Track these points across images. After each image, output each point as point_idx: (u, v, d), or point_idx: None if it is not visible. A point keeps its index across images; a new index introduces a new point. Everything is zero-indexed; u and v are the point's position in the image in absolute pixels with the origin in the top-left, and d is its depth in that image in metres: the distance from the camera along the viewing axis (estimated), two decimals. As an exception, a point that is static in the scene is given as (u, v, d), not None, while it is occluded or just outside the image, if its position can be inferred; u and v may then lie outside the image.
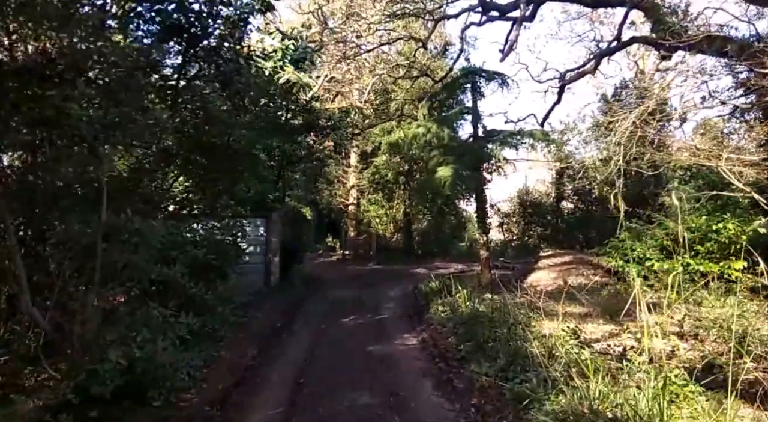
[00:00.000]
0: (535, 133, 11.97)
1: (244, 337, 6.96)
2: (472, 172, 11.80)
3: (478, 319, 6.64)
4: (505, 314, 7.17)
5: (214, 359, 5.62)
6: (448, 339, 6.60)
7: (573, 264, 13.35)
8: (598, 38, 18.69)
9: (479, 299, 9.19)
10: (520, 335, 5.49)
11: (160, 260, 5.22)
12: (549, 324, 7.26)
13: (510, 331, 5.70)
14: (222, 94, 7.45)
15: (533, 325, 6.99)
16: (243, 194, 9.02)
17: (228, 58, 5.83)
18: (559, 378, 4.23)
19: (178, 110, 7.00)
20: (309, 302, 10.86)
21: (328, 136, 13.69)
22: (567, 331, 5.65)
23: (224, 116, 8.15)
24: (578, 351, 4.90)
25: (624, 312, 8.60)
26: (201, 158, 8.03)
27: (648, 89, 22.34)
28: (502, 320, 6.37)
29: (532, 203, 25.65)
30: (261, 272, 12.17)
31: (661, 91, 10.83)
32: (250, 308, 9.14)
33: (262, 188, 10.89)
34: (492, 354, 5.26)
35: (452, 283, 10.64)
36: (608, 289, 10.50)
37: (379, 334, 7.59)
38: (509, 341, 5.38)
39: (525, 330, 5.67)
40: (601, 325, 7.41)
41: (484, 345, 5.63)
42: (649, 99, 9.37)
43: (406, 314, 9.21)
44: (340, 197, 24.17)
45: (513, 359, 4.84)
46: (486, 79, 12.99)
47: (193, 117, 8.19)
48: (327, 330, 7.86)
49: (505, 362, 4.81)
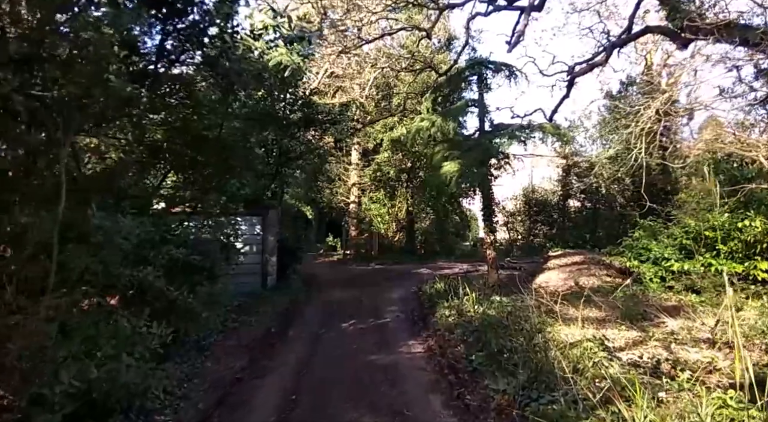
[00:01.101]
0: (546, 126, 11.35)
1: (234, 345, 6.38)
2: (479, 167, 11.21)
3: (490, 325, 6.03)
4: (520, 320, 6.58)
5: (197, 372, 5.04)
6: (457, 347, 6.00)
7: (584, 264, 12.73)
8: (607, 31, 18.03)
9: (488, 303, 8.62)
10: (540, 345, 4.88)
11: (136, 262, 4.65)
12: (567, 330, 6.68)
13: (529, 340, 5.09)
14: (210, 80, 6.88)
15: (549, 331, 6.42)
16: (236, 191, 8.43)
17: (212, 34, 5.23)
18: (591, 398, 3.63)
19: (159, 96, 6.40)
20: (307, 304, 10.28)
21: (327, 131, 13.09)
22: (594, 341, 5.03)
23: (214, 105, 7.60)
24: (608, 364, 4.30)
25: (645, 316, 8.08)
26: (188, 151, 7.48)
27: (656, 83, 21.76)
28: (517, 326, 5.76)
29: (537, 202, 25.04)
30: (257, 273, 11.60)
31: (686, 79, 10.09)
32: (243, 312, 8.58)
33: (258, 184, 10.30)
34: (509, 366, 4.65)
35: (458, 284, 10.07)
36: (623, 291, 9.89)
37: (381, 341, 7.00)
38: (529, 352, 4.77)
39: (545, 338, 5.06)
40: (623, 331, 6.80)
41: (498, 355, 5.03)
42: (674, 87, 8.69)
43: (410, 319, 8.62)
44: (340, 195, 23.60)
45: (536, 374, 4.23)
46: (493, 70, 12.39)
47: (180, 106, 7.64)
48: (325, 337, 7.28)
49: (526, 377, 4.20)
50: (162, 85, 6.90)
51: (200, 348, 5.82)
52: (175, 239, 5.40)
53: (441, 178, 10.79)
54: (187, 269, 5.72)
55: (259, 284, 11.49)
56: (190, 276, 5.70)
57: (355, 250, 21.42)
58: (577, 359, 4.49)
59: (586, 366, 4.31)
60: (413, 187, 21.86)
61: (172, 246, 4.67)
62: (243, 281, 11.10)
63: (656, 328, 7.14)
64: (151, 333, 3.79)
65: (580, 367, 4.40)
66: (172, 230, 5.56)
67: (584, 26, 19.78)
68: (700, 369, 4.84)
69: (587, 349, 4.68)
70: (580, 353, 4.61)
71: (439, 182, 10.95)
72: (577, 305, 8.55)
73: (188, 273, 5.81)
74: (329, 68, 19.43)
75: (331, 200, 24.63)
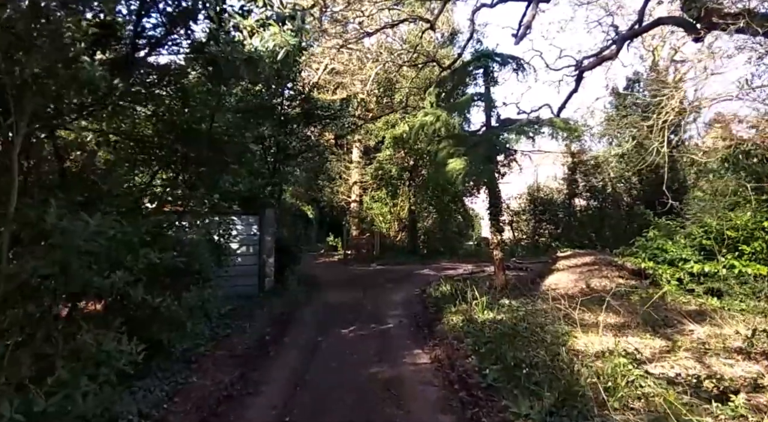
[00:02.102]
0: (556, 121, 10.81)
1: (225, 355, 5.87)
2: (485, 164, 10.68)
3: (504, 334, 5.51)
4: (535, 327, 6.07)
5: (181, 388, 4.53)
6: (468, 358, 5.48)
7: (595, 265, 12.21)
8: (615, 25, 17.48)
9: (498, 307, 8.10)
10: (565, 359, 4.35)
11: (112, 266, 4.14)
12: (585, 337, 6.16)
13: (551, 353, 4.56)
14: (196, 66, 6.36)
15: (566, 338, 5.90)
16: (229, 188, 7.91)
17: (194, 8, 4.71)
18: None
19: (144, 85, 5.91)
20: (306, 308, 9.76)
21: (327, 126, 12.56)
22: (623, 353, 4.50)
23: (205, 97, 7.08)
24: (645, 384, 3.77)
25: (667, 322, 7.55)
26: (177, 146, 6.97)
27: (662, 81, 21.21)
28: (534, 336, 5.23)
29: (542, 201, 24.48)
30: (254, 275, 11.09)
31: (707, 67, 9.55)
32: (238, 317, 8.07)
33: (254, 182, 9.78)
34: (530, 384, 4.13)
35: (465, 286, 9.55)
36: (639, 294, 9.36)
37: (383, 350, 6.48)
38: (552, 367, 4.24)
39: (568, 351, 4.53)
40: (647, 339, 6.27)
41: (516, 370, 4.51)
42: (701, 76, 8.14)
43: (415, 324, 8.09)
44: (341, 194, 23.07)
45: (564, 396, 3.71)
46: (500, 63, 11.85)
47: (168, 97, 7.13)
48: (323, 345, 6.76)
49: (553, 400, 3.68)
50: (147, 74, 6.43)
51: (186, 360, 5.31)
52: (160, 241, 4.88)
53: (446, 175, 10.26)
54: (173, 274, 5.21)
55: (256, 286, 10.99)
56: (176, 281, 5.19)
57: (356, 250, 20.90)
58: (607, 376, 3.96)
59: (618, 385, 3.79)
60: (416, 185, 21.32)
61: (149, 249, 4.15)
62: (239, 284, 10.60)
63: (681, 336, 6.61)
64: (121, 351, 3.28)
65: (611, 385, 3.87)
66: (156, 230, 5.03)
67: (591, 20, 19.26)
68: (742, 385, 4.33)
69: (620, 365, 4.13)
70: (611, 369, 4.08)
71: (444, 179, 10.43)
72: (593, 309, 8.06)
73: (174, 278, 5.31)
74: (329, 64, 18.92)
75: (332, 199, 24.12)
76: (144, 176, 7.36)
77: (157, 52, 6.06)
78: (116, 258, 4.19)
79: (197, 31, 5.14)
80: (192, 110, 6.95)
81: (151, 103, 6.85)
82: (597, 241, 21.90)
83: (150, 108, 6.89)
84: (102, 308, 5.01)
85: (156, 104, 6.87)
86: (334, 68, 19.76)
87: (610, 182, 23.81)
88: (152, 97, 6.78)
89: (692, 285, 9.27)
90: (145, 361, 4.63)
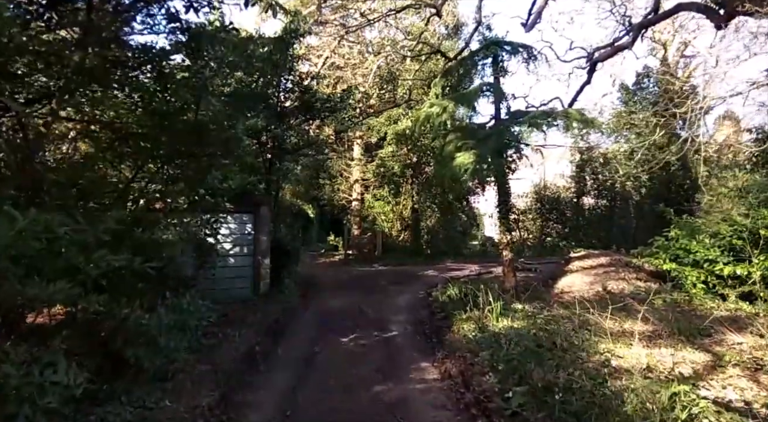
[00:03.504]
0: (572, 113, 10.08)
1: (207, 371, 5.17)
2: (495, 158, 9.97)
3: (527, 347, 4.80)
4: (560, 339, 5.37)
5: (148, 416, 3.82)
6: (485, 376, 4.76)
7: (611, 267, 11.50)
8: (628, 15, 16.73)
9: (512, 313, 7.40)
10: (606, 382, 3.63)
11: (64, 271, 3.45)
12: (616, 349, 5.45)
13: (589, 375, 3.84)
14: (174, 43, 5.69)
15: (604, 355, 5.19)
16: (218, 184, 7.21)
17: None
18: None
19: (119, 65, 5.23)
20: (303, 313, 9.08)
21: (327, 119, 11.85)
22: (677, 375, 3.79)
23: (189, 81, 6.39)
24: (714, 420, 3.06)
25: (702, 331, 6.83)
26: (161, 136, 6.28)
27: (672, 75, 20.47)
28: (562, 352, 4.52)
29: (549, 199, 23.75)
30: (248, 277, 10.39)
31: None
32: (227, 324, 7.37)
33: (247, 177, 9.07)
34: (566, 416, 3.42)
35: (474, 289, 8.84)
36: (662, 298, 8.65)
37: (387, 363, 5.78)
38: (591, 392, 3.52)
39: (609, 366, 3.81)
40: (685, 352, 5.55)
41: (547, 394, 3.79)
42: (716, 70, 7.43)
43: (421, 332, 7.39)
44: (342, 192, 22.37)
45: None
46: (510, 52, 11.12)
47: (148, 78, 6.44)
48: (320, 357, 6.06)
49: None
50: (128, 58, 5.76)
51: (162, 377, 4.60)
52: (126, 242, 4.18)
53: (453, 170, 9.54)
54: (146, 280, 4.52)
55: (250, 289, 10.29)
56: (150, 288, 4.50)
57: (357, 250, 20.19)
58: (662, 407, 3.25)
59: (678, 418, 3.09)
60: (419, 183, 20.60)
61: (107, 251, 3.46)
62: (231, 287, 9.93)
63: (722, 347, 5.90)
64: (54, 383, 2.58)
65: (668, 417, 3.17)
66: (124, 230, 4.33)
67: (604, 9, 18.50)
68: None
69: (679, 393, 3.42)
70: (665, 396, 3.36)
71: (451, 174, 9.71)
72: (616, 315, 7.34)
73: (148, 284, 4.61)
74: (330, 57, 18.23)
75: (333, 198, 23.43)
76: (127, 170, 6.69)
77: (131, 28, 5.40)
78: (68, 263, 3.50)
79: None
80: (174, 94, 6.27)
81: (127, 87, 6.20)
82: (606, 241, 21.19)
83: (127, 93, 6.22)
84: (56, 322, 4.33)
85: (133, 88, 6.20)
86: (335, 62, 19.07)
87: (619, 179, 23.10)
88: (128, 79, 6.13)
89: (722, 289, 8.55)
90: (107, 382, 3.96)
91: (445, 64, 14.53)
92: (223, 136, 6.80)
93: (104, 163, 6.89)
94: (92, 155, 6.97)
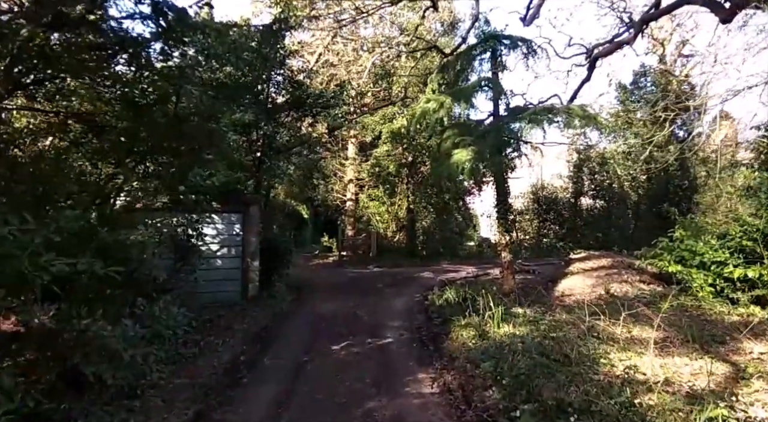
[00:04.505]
0: (573, 108, 9.68)
1: (184, 384, 4.71)
2: (494, 155, 9.57)
3: (533, 358, 4.38)
4: (563, 345, 4.96)
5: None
6: (487, 390, 4.33)
7: (613, 269, 11.11)
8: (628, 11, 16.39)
9: (512, 318, 6.98)
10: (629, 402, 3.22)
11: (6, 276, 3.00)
12: (623, 357, 5.06)
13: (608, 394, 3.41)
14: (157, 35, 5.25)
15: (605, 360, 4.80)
16: (201, 181, 6.76)
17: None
18: None
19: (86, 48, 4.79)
20: (293, 318, 8.63)
21: (319, 115, 11.41)
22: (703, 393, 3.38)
23: (168, 69, 5.94)
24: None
25: (715, 338, 6.43)
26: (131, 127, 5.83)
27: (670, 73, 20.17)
28: (576, 364, 4.10)
29: (546, 199, 23.39)
30: (236, 280, 9.93)
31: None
32: (212, 331, 6.95)
33: (233, 175, 8.60)
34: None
35: (472, 293, 8.43)
36: (669, 302, 8.25)
37: (382, 374, 5.35)
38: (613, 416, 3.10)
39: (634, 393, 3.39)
40: (701, 361, 5.14)
41: (560, 416, 3.37)
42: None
43: (418, 339, 6.96)
44: (336, 192, 21.91)
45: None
46: (509, 47, 10.73)
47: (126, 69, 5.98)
48: (309, 367, 5.62)
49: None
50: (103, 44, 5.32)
51: (131, 394, 4.15)
52: (85, 244, 3.72)
53: (451, 167, 9.12)
54: (113, 286, 4.06)
55: (239, 293, 9.83)
56: (114, 296, 4.05)
57: (351, 251, 19.73)
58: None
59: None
60: (414, 183, 20.18)
61: (55, 254, 3.01)
62: (218, 290, 9.47)
63: (738, 356, 5.52)
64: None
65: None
66: (85, 230, 3.87)
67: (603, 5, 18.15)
68: None
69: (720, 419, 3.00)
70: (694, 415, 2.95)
71: (449, 172, 9.29)
72: (623, 320, 6.93)
73: (113, 291, 4.16)
74: (323, 54, 17.79)
75: (327, 198, 22.99)
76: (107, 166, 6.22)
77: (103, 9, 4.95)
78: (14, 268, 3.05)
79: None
80: (152, 84, 5.82)
81: (100, 76, 5.74)
82: (603, 242, 20.86)
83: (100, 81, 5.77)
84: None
85: (106, 77, 5.75)
86: (328, 60, 18.63)
87: (617, 180, 22.79)
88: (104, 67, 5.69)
89: (731, 292, 8.18)
90: (64, 402, 3.50)
91: (442, 60, 14.12)
92: (206, 129, 6.37)
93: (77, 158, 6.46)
94: (66, 149, 6.53)
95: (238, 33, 8.40)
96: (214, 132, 6.50)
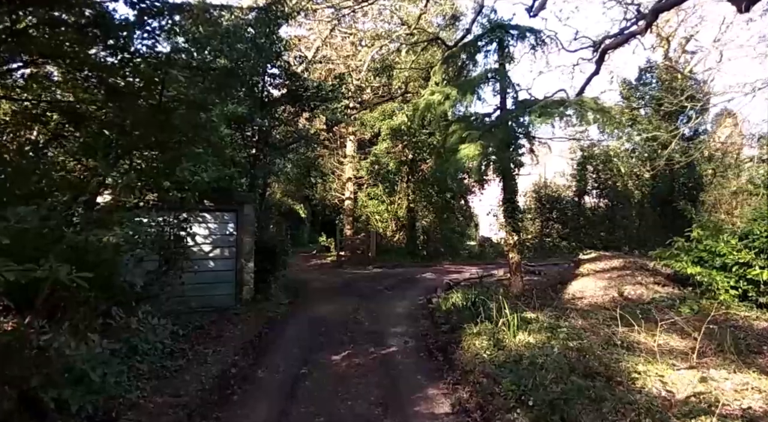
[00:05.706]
0: (586, 101, 9.19)
1: (164, 403, 4.17)
2: (503, 151, 9.06)
3: (564, 378, 3.86)
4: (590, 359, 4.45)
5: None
6: (511, 413, 3.81)
7: (625, 270, 10.59)
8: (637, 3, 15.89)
9: (525, 324, 6.44)
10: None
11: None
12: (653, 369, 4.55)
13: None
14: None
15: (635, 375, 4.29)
16: (189, 176, 6.21)
17: None
18: None
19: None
20: (290, 324, 8.11)
21: (317, 109, 10.87)
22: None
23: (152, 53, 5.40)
24: None
25: (750, 347, 5.92)
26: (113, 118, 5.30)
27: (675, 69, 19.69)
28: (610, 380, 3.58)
29: (550, 198, 22.89)
30: (230, 282, 9.38)
31: None
32: (201, 339, 6.41)
33: (225, 171, 8.04)
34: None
35: (483, 297, 7.90)
36: (689, 306, 7.77)
37: (386, 389, 4.83)
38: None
39: None
40: (744, 375, 4.63)
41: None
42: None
43: (425, 348, 6.44)
44: (334, 191, 21.34)
45: None
46: (516, 37, 10.25)
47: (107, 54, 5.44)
48: (307, 382, 5.09)
49: None
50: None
51: (103, 420, 3.61)
52: (42, 246, 3.17)
53: (458, 163, 8.63)
54: (81, 295, 3.52)
55: (233, 296, 9.28)
56: (82, 307, 3.51)
57: (350, 251, 19.18)
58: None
59: None
60: (415, 181, 19.64)
61: (4, 260, 2.48)
62: (210, 294, 8.90)
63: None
64: None
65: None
66: (42, 229, 3.32)
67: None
68: None
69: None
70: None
71: (455, 168, 8.79)
72: (644, 325, 6.41)
73: (84, 301, 3.62)
74: (321, 48, 17.23)
75: (325, 197, 22.42)
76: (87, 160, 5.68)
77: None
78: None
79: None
80: (134, 69, 5.28)
81: (78, 61, 5.20)
82: (607, 241, 20.42)
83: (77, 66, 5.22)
84: None
85: (85, 62, 5.20)
86: (326, 55, 18.10)
87: (621, 178, 22.31)
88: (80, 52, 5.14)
89: (757, 296, 7.68)
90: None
91: (445, 52, 13.59)
92: (195, 119, 5.83)
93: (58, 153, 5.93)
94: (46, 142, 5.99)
95: (233, 22, 7.84)
96: (203, 123, 5.95)
